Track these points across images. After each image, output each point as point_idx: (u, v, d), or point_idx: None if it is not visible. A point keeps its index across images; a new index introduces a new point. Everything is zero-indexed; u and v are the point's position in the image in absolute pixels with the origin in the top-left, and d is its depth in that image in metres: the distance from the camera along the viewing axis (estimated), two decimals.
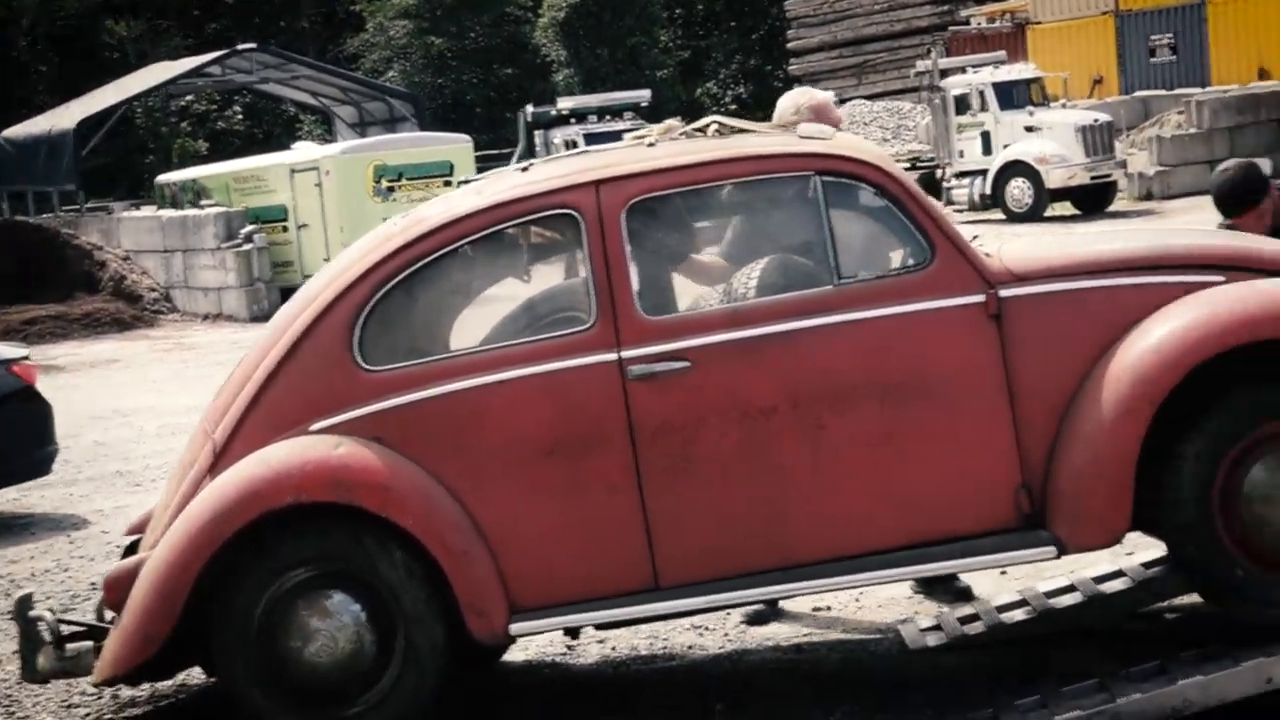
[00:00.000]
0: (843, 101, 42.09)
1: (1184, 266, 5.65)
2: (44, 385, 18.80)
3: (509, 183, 5.95)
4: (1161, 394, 5.33)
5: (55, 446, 11.76)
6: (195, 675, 6.59)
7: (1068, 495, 5.44)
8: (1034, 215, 29.26)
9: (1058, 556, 5.49)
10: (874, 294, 5.59)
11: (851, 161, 5.71)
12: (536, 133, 36.23)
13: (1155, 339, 5.41)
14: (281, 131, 53.93)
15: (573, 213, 5.70)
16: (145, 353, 23.45)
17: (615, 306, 5.62)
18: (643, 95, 37.65)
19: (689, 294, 6.04)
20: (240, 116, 57.09)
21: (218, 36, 56.55)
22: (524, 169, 6.05)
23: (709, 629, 7.01)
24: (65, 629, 6.14)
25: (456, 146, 30.10)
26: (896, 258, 5.69)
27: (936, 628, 6.64)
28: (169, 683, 6.65)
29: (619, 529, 5.60)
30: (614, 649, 6.89)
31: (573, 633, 6.34)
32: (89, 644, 6.04)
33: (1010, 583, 6.91)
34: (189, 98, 52.66)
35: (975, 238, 5.91)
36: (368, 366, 5.74)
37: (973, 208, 30.43)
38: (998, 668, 6.15)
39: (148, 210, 33.48)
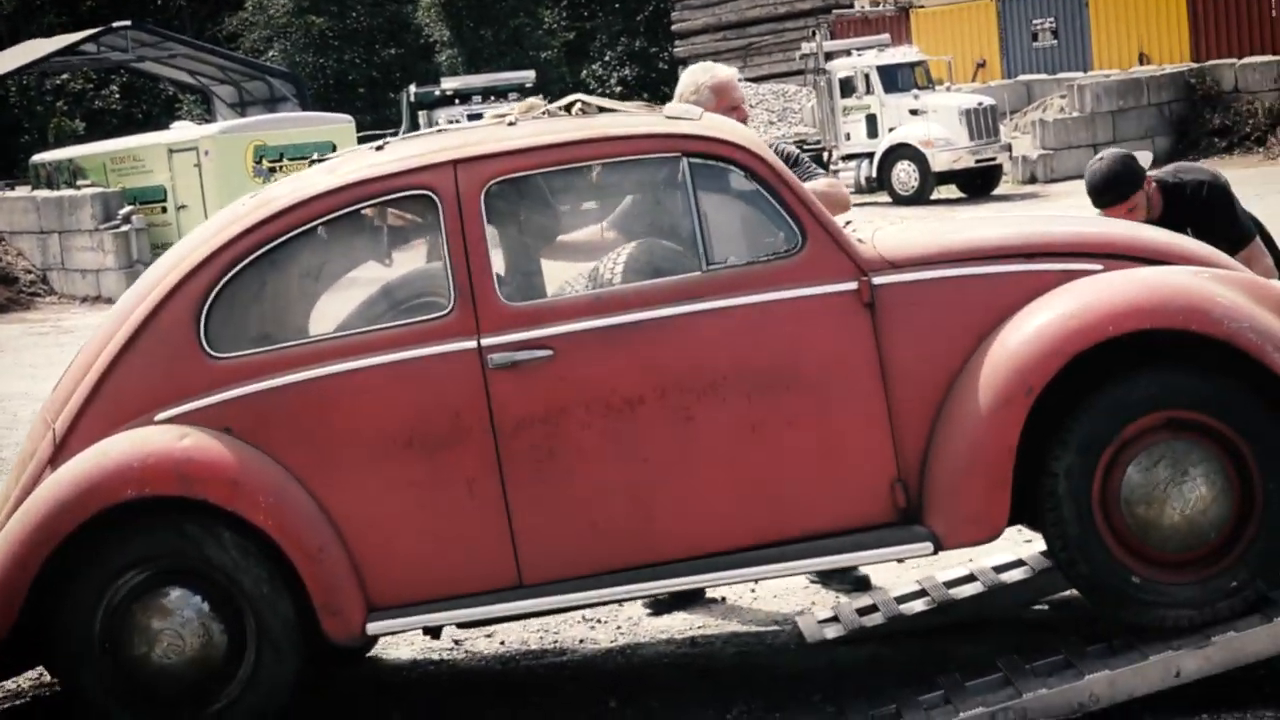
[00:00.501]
0: None
1: (1062, 254, 5.51)
2: None
3: (363, 162, 5.70)
4: (1040, 383, 5.18)
5: None
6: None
7: (944, 490, 5.28)
8: (920, 198, 29.36)
9: (934, 553, 5.34)
10: (743, 280, 5.41)
11: (719, 143, 5.52)
12: (420, 113, 35.93)
13: (1033, 328, 5.26)
14: (160, 111, 53.09)
15: (429, 194, 5.48)
16: (21, 336, 22.89)
17: (474, 292, 5.40)
18: (527, 76, 37.49)
19: (553, 279, 5.83)
20: (118, 96, 56.12)
21: (93, 14, 55.47)
22: (379, 147, 5.80)
23: (601, 621, 6.84)
24: None
25: (338, 127, 29.71)
26: (767, 243, 5.51)
27: (834, 619, 6.51)
28: (30, 680, 6.37)
29: (480, 525, 5.39)
30: (503, 643, 6.70)
31: (433, 632, 6.14)
32: None
33: (909, 572, 6.79)
34: (64, 76, 51.69)
35: (849, 223, 5.77)
36: (215, 354, 5.49)
37: (859, 190, 30.45)
38: (898, 660, 6.03)
39: (22, 190, 32.77)
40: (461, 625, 5.77)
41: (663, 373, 5.36)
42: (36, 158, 34.62)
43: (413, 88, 37.72)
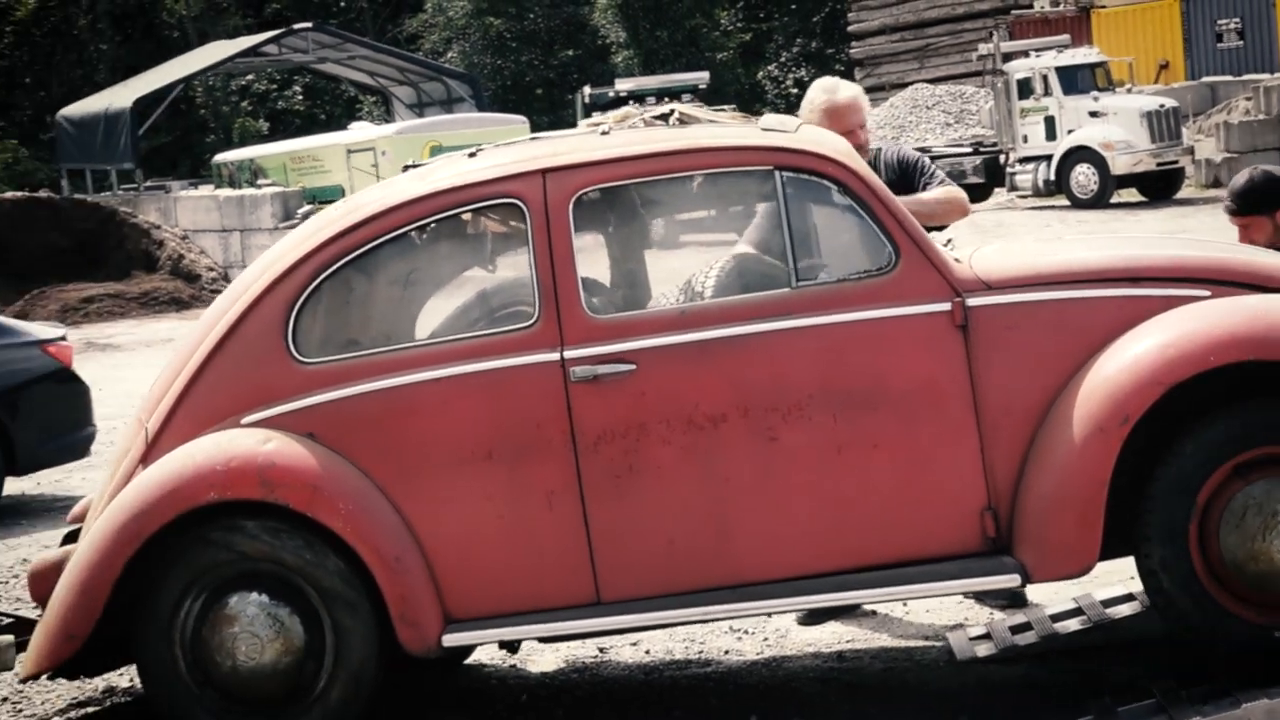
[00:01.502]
0: (904, 85, 41.61)
1: (1167, 279, 5.33)
2: (99, 364, 18.74)
3: (454, 169, 5.68)
4: (1136, 413, 5.02)
5: (93, 428, 11.57)
6: None
7: (1035, 520, 5.14)
8: (1099, 202, 28.84)
9: (1022, 586, 5.23)
10: (833, 298, 5.30)
11: (814, 157, 5.40)
12: (594, 115, 36.05)
13: (1130, 355, 5.09)
14: (342, 112, 53.96)
15: (517, 202, 5.44)
16: None
17: (559, 303, 5.35)
18: (701, 77, 37.53)
19: (647, 290, 5.76)
20: (300, 96, 57.10)
21: (276, 17, 56.53)
22: (473, 154, 5.76)
23: (748, 633, 6.73)
24: None
25: (513, 127, 29.96)
26: (859, 261, 5.38)
27: (986, 636, 6.33)
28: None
29: (559, 539, 5.34)
30: (648, 652, 6.61)
31: (511, 646, 6.14)
32: (9, 638, 5.85)
33: (1066, 589, 6.57)
34: (249, 77, 52.71)
35: (949, 241, 5.63)
36: (302, 358, 5.50)
37: (1036, 194, 30.11)
38: (1050, 681, 5.84)
39: (205, 189, 33.47)
40: (544, 640, 5.73)
41: (746, 390, 5.26)
42: (219, 157, 35.38)
43: (587, 89, 37.96)
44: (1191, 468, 5.05)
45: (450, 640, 5.36)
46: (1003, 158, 30.91)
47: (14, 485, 11.28)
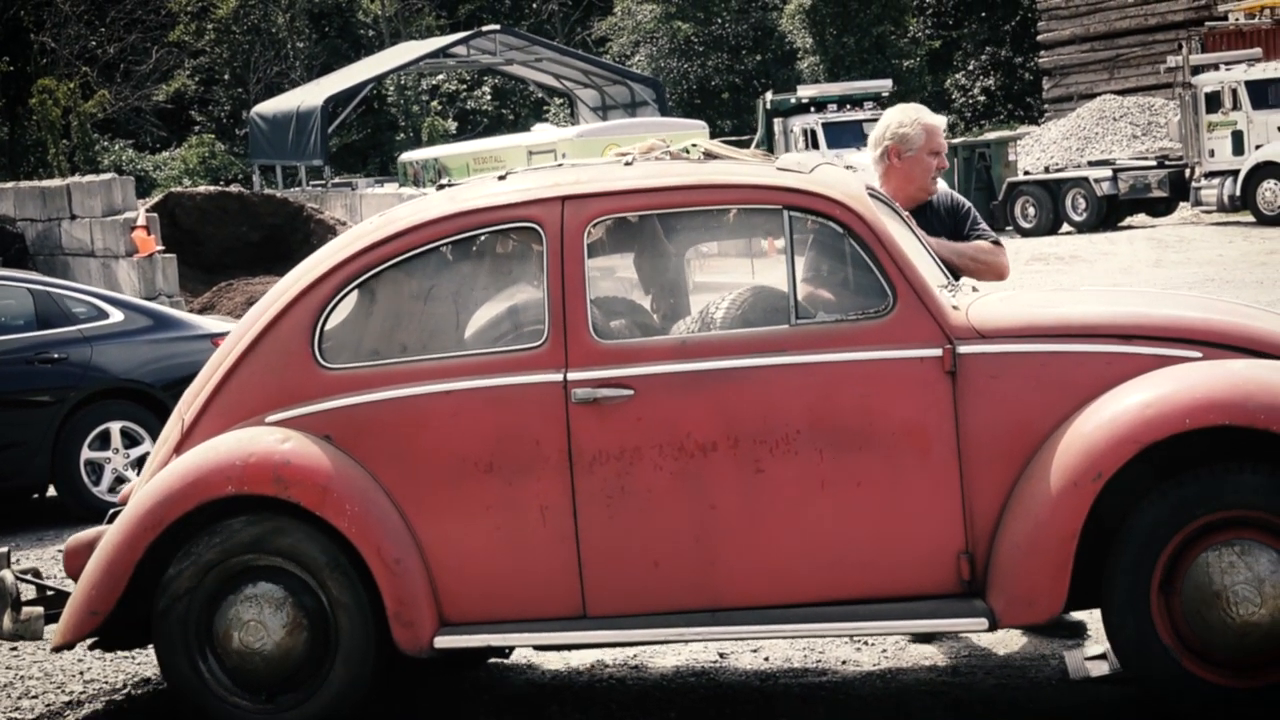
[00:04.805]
0: (1092, 96, 41.07)
1: (1160, 338, 5.35)
2: None
3: (481, 191, 5.89)
4: (1110, 470, 5.08)
5: None
6: None
7: (1006, 567, 5.24)
8: None
9: (990, 629, 5.33)
10: (829, 338, 5.43)
11: (820, 199, 5.53)
12: (776, 120, 36.18)
13: (1109, 413, 5.15)
14: (529, 113, 54.61)
15: (535, 227, 5.62)
16: None
17: (567, 326, 5.53)
18: (884, 85, 37.41)
19: (649, 318, 5.92)
20: (489, 97, 57.90)
21: (470, 18, 57.39)
22: (502, 177, 5.96)
23: (868, 644, 6.80)
24: (27, 591, 6.24)
25: (691, 132, 30.09)
26: (857, 302, 5.49)
27: (1103, 657, 6.34)
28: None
29: (550, 553, 5.53)
30: (767, 660, 6.72)
31: (501, 652, 6.36)
32: (39, 610, 6.08)
33: None
34: (440, 77, 53.57)
35: (949, 287, 5.68)
36: (326, 364, 5.74)
37: (1221, 209, 29.62)
38: (1154, 703, 5.83)
39: (390, 188, 34.09)
40: (539, 648, 5.90)
41: (737, 422, 5.40)
42: (405, 156, 36.05)
43: (769, 95, 38.03)
44: (1124, 595, 5.22)
45: (442, 642, 5.56)
46: (1188, 172, 30.44)
47: None
